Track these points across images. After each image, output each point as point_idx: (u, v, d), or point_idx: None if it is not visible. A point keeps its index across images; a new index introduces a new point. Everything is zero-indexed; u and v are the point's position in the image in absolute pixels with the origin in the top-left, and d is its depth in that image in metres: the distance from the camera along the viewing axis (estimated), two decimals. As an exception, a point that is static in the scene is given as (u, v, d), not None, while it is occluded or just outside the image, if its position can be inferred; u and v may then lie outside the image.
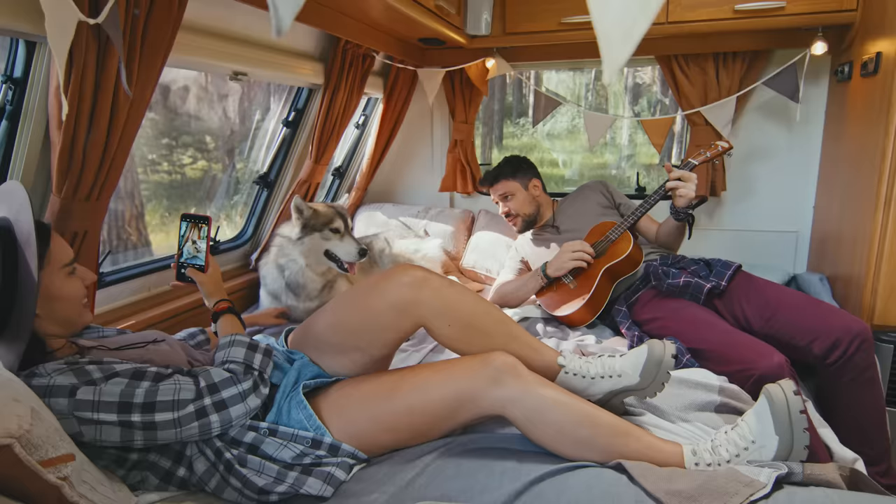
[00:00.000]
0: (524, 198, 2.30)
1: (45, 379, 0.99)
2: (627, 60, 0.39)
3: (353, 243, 2.03)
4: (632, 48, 0.38)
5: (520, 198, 2.30)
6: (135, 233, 3.00)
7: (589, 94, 7.12)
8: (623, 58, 0.39)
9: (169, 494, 1.12)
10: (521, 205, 2.30)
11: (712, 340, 1.63)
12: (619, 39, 0.38)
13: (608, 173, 7.02)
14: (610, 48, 0.39)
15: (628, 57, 0.38)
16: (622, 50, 0.38)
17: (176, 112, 2.33)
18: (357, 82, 2.35)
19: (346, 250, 2.02)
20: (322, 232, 2.01)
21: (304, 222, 2.01)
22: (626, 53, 0.39)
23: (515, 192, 2.29)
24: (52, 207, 1.31)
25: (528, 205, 2.31)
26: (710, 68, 2.37)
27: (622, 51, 0.38)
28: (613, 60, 0.39)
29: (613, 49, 0.39)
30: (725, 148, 2.01)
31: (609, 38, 0.38)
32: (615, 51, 0.39)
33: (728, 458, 1.10)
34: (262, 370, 1.21)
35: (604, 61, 0.39)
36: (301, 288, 2.08)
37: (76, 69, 1.14)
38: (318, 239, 2.01)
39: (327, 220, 2.02)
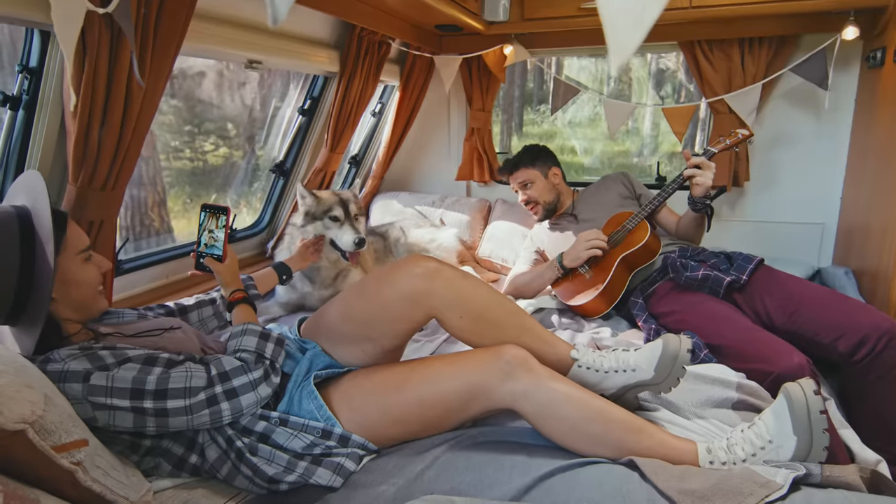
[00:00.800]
0: (544, 185, 2.28)
1: (60, 364, 1.01)
2: (636, 49, 0.37)
3: (352, 232, 1.95)
4: (641, 36, 0.36)
5: (539, 185, 2.28)
6: (157, 219, 3.04)
7: (611, 81, 6.98)
8: (632, 46, 0.36)
9: (181, 481, 1.14)
10: (542, 192, 2.28)
11: (731, 337, 1.60)
12: (627, 26, 0.36)
13: (629, 161, 6.89)
14: (617, 35, 0.36)
15: (637, 45, 0.36)
16: (631, 38, 0.36)
17: (198, 99, 2.34)
18: (373, 70, 2.33)
19: (344, 239, 1.96)
20: (322, 220, 1.98)
21: (307, 210, 1.99)
22: (635, 41, 0.36)
23: (535, 180, 2.28)
24: (69, 196, 1.32)
25: (549, 192, 2.29)
26: (734, 54, 2.30)
27: (631, 39, 0.36)
28: (621, 49, 0.37)
29: (621, 36, 0.36)
30: (746, 136, 1.95)
31: (615, 25, 0.36)
32: (623, 38, 0.36)
33: (744, 457, 1.08)
34: (273, 359, 1.21)
35: (610, 50, 0.37)
36: (316, 274, 2.09)
37: (89, 59, 1.14)
38: (319, 227, 1.98)
39: (327, 207, 1.97)
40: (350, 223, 1.98)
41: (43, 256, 1.00)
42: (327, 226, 1.98)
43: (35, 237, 1.02)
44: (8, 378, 0.81)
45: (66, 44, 0.74)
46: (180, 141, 2.50)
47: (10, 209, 1.04)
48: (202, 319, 1.57)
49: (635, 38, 0.36)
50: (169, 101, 2.42)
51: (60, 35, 0.72)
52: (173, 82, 2.28)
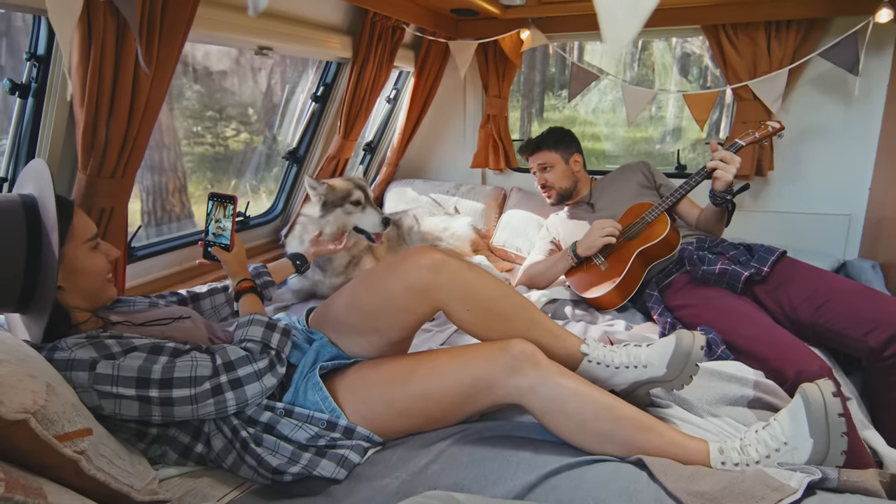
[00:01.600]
0: (563, 171, 2.24)
1: (66, 353, 1.01)
2: (633, 38, 0.33)
3: (376, 213, 2.00)
4: (639, 24, 0.33)
5: (558, 170, 2.24)
6: (178, 204, 3.07)
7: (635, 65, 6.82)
8: (628, 35, 0.33)
9: (187, 469, 1.14)
10: (559, 177, 2.24)
11: (749, 336, 1.55)
12: (623, 14, 0.33)
13: (652, 148, 6.75)
14: (612, 24, 0.33)
15: (634, 34, 0.33)
16: (627, 26, 0.33)
17: (220, 84, 2.34)
18: (386, 56, 2.30)
19: (370, 222, 2.00)
20: (343, 206, 1.99)
21: (324, 199, 1.99)
22: (631, 30, 0.33)
23: (555, 164, 2.23)
24: (79, 185, 1.33)
25: (566, 179, 2.24)
26: (760, 38, 2.21)
27: (627, 27, 0.33)
28: (617, 38, 0.33)
29: (617, 25, 0.33)
30: (776, 129, 1.88)
31: (611, 13, 0.33)
32: (619, 27, 0.33)
33: (757, 458, 1.04)
34: (279, 349, 1.21)
35: (605, 39, 0.33)
36: (327, 262, 2.09)
37: (95, 47, 1.14)
38: (341, 214, 1.99)
39: (346, 193, 1.99)
40: (371, 205, 2.02)
41: (48, 245, 1.01)
42: (349, 211, 1.99)
43: (41, 226, 1.02)
44: (10, 367, 0.81)
45: (62, 32, 0.72)
46: (202, 126, 2.51)
47: (17, 198, 1.04)
48: (215, 307, 1.57)
49: (632, 26, 0.33)
50: (192, 86, 2.42)
51: (56, 23, 0.71)
52: (196, 67, 2.28)
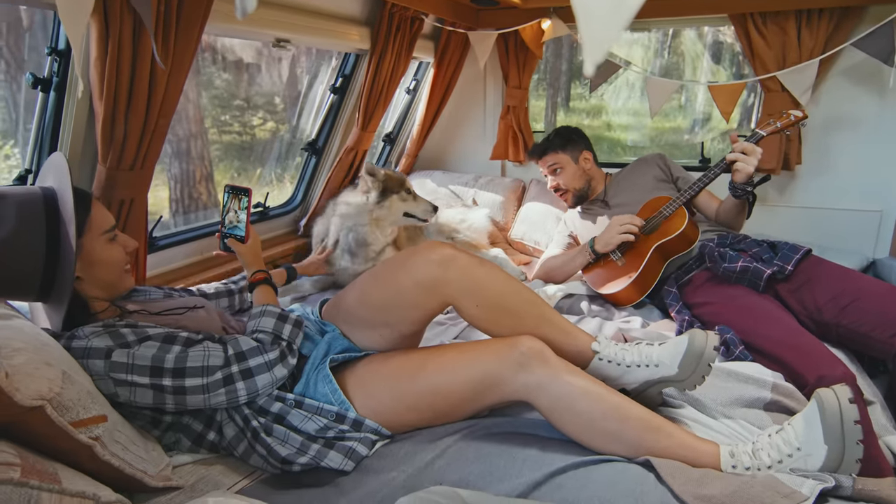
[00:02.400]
0: (574, 171, 2.20)
1: (83, 341, 1.04)
2: (614, 44, 0.32)
3: (427, 202, 2.17)
4: (620, 28, 0.31)
5: (570, 171, 2.20)
6: (204, 192, 3.12)
7: (665, 52, 6.64)
8: (609, 40, 0.32)
9: (200, 456, 1.17)
10: (572, 179, 2.20)
11: (770, 336, 1.51)
12: (604, 17, 0.32)
13: (679, 139, 6.59)
14: (592, 28, 0.32)
15: (615, 39, 0.32)
16: (608, 30, 0.32)
17: (248, 73, 2.37)
18: (405, 47, 2.29)
19: (422, 208, 2.15)
20: (399, 193, 2.09)
21: (384, 186, 2.07)
22: (612, 34, 0.32)
23: (565, 166, 2.20)
24: (99, 177, 1.36)
25: (579, 179, 2.21)
26: (790, 28, 2.13)
27: (608, 31, 0.32)
28: (597, 43, 0.32)
29: (597, 29, 0.32)
30: (799, 117, 1.82)
31: (591, 15, 0.32)
32: (599, 31, 0.32)
33: (769, 463, 1.02)
34: (290, 341, 1.22)
35: (584, 45, 0.32)
36: (361, 248, 2.11)
37: (112, 42, 1.16)
38: (397, 200, 2.09)
39: (401, 181, 2.11)
40: (419, 196, 2.19)
41: (66, 237, 1.03)
42: (404, 198, 2.12)
43: (60, 218, 1.05)
44: (27, 356, 0.84)
45: (72, 31, 0.74)
46: (230, 115, 2.54)
47: (38, 191, 1.07)
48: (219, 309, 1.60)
49: (613, 30, 0.32)
50: (221, 74, 2.45)
51: (66, 21, 0.72)
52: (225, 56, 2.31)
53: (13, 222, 1.02)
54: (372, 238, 2.10)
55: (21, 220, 1.02)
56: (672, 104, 6.66)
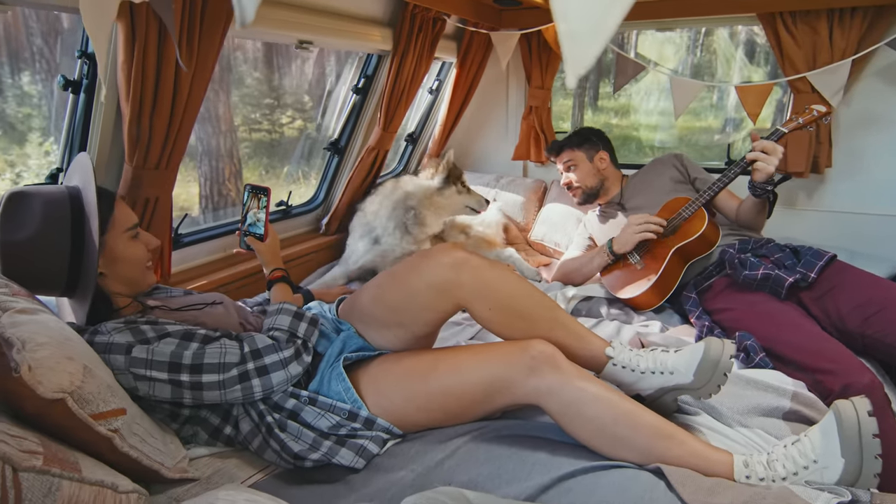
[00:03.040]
0: (588, 170, 2.21)
1: (106, 336, 1.08)
2: (595, 59, 0.33)
3: (480, 196, 2.33)
4: (602, 44, 0.32)
5: (583, 169, 2.21)
6: (234, 189, 3.19)
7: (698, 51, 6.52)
8: (591, 56, 0.32)
9: (217, 450, 1.20)
10: (584, 176, 2.20)
11: (792, 343, 1.48)
12: (586, 33, 0.32)
13: (710, 139, 6.45)
14: (574, 44, 0.33)
15: (597, 55, 0.32)
16: (590, 46, 0.32)
17: (279, 72, 2.42)
18: (427, 47, 2.30)
19: (477, 200, 2.32)
20: (456, 185, 2.24)
21: (448, 173, 2.23)
22: (594, 50, 0.32)
23: (579, 163, 2.20)
24: (126, 176, 1.40)
25: (591, 177, 2.21)
26: (821, 27, 2.07)
27: (590, 47, 0.32)
28: (578, 60, 0.33)
29: (579, 45, 0.32)
30: (822, 112, 1.76)
31: (573, 32, 0.32)
32: (581, 47, 0.32)
33: (784, 475, 1.00)
34: (306, 339, 1.24)
35: (566, 61, 0.33)
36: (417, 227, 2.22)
37: (138, 45, 1.19)
38: (454, 191, 2.24)
39: (458, 175, 2.27)
40: (472, 190, 2.35)
41: (90, 235, 1.07)
42: (459, 191, 2.27)
43: (85, 217, 1.09)
44: (50, 350, 0.88)
45: (96, 35, 0.76)
46: (260, 113, 2.59)
47: (64, 190, 1.11)
48: None
49: (595, 46, 0.32)
50: (252, 73, 2.50)
51: (89, 27, 0.75)
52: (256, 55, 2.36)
53: (40, 221, 1.06)
54: (429, 221, 2.22)
55: (47, 219, 1.06)
56: (703, 103, 6.52)
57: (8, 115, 2.18)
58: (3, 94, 2.25)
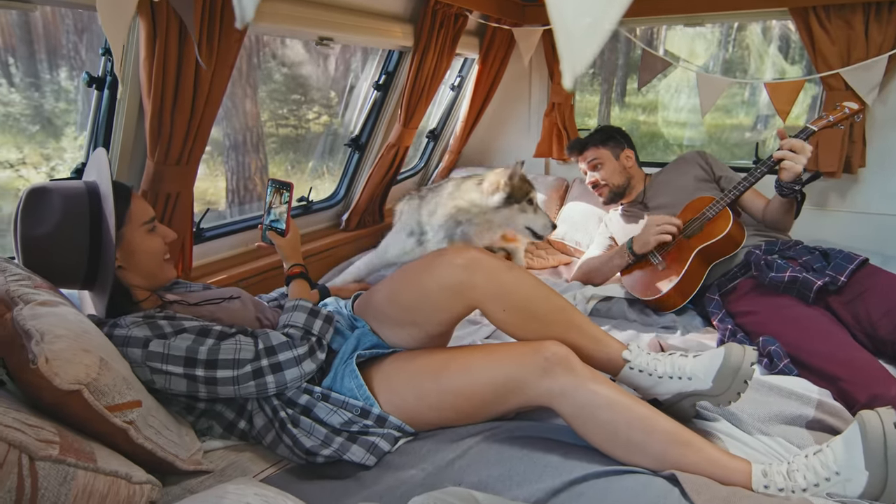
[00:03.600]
0: (615, 167, 2.16)
1: (124, 330, 1.10)
2: (593, 59, 0.32)
3: (546, 216, 1.96)
4: (598, 44, 0.30)
5: (610, 167, 2.16)
6: (259, 184, 3.23)
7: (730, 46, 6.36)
8: (587, 57, 0.31)
9: (231, 443, 1.22)
10: (611, 174, 2.16)
11: (819, 350, 1.43)
12: (582, 34, 0.31)
13: (741, 137, 6.30)
14: (570, 46, 0.31)
15: (593, 56, 0.31)
16: (587, 47, 0.31)
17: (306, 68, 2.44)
18: (448, 44, 2.28)
19: (541, 223, 1.94)
20: (520, 203, 1.91)
21: (510, 193, 1.88)
22: (590, 51, 0.31)
23: (605, 161, 2.16)
24: (148, 171, 1.43)
25: (619, 175, 2.16)
26: (857, 22, 1.99)
27: (587, 48, 0.31)
28: (575, 61, 0.32)
29: (575, 46, 0.31)
30: (854, 110, 1.70)
31: (569, 33, 0.31)
32: (577, 49, 0.31)
33: (804, 486, 0.97)
34: (320, 336, 1.25)
35: (563, 63, 0.32)
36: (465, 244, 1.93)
37: (159, 42, 1.21)
38: (515, 210, 1.90)
39: (527, 192, 1.92)
40: (540, 208, 1.98)
41: (108, 228, 1.09)
42: (524, 209, 1.92)
43: (102, 211, 1.11)
44: (67, 342, 0.90)
45: (113, 34, 0.78)
46: (287, 109, 2.61)
47: (82, 185, 1.13)
48: None
49: (592, 46, 0.31)
50: (280, 69, 2.53)
51: (106, 26, 0.76)
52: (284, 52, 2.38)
53: (59, 216, 1.08)
54: (478, 239, 1.97)
55: (66, 214, 1.09)
56: (734, 100, 6.36)
57: (45, 110, 2.25)
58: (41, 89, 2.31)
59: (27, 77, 2.30)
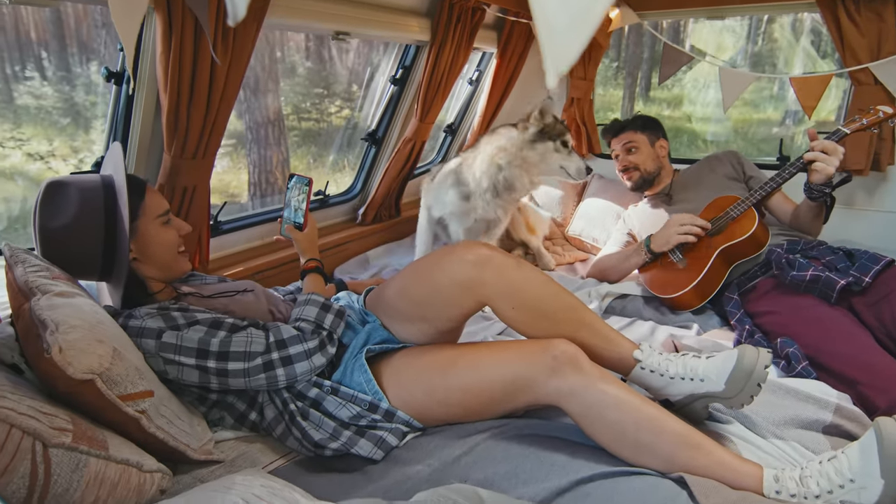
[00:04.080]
0: (649, 153, 2.17)
1: (139, 321, 1.12)
2: (578, 57, 0.31)
3: (581, 160, 1.97)
4: (584, 40, 0.30)
5: (645, 152, 2.17)
6: (280, 177, 3.26)
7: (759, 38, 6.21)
8: (572, 53, 0.30)
9: (242, 434, 1.24)
10: (645, 159, 2.16)
11: (839, 353, 1.39)
12: (566, 29, 0.30)
13: (768, 133, 6.15)
14: (554, 41, 0.31)
15: (579, 52, 0.30)
16: (571, 43, 0.30)
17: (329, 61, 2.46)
18: (465, 38, 2.27)
19: (576, 166, 1.96)
20: (555, 142, 1.93)
21: (543, 127, 1.92)
22: (575, 47, 0.31)
23: (641, 146, 2.16)
24: (165, 165, 1.45)
25: (652, 161, 2.16)
26: (888, 13, 1.92)
27: (571, 44, 0.30)
28: (559, 57, 0.31)
29: (559, 42, 0.31)
30: (889, 114, 1.64)
31: (553, 28, 0.30)
32: (561, 44, 0.31)
33: (818, 492, 0.95)
34: (331, 330, 1.26)
35: (546, 61, 0.31)
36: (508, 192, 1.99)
37: (175, 38, 1.22)
38: (550, 148, 1.92)
39: (561, 131, 1.94)
40: (574, 152, 1.99)
41: (122, 221, 1.11)
42: (557, 149, 1.94)
43: (117, 203, 1.13)
44: (81, 333, 0.92)
45: (124, 33, 0.79)
46: (309, 102, 2.63)
47: (98, 179, 1.16)
48: None
49: (576, 43, 0.30)
50: (304, 63, 2.55)
51: (118, 23, 0.77)
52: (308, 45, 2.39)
53: (75, 208, 1.11)
54: (519, 183, 1.96)
55: (82, 206, 1.11)
56: (762, 94, 6.20)
57: (76, 104, 2.30)
58: (72, 82, 2.37)
59: (59, 71, 2.36)
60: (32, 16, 2.20)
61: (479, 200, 1.99)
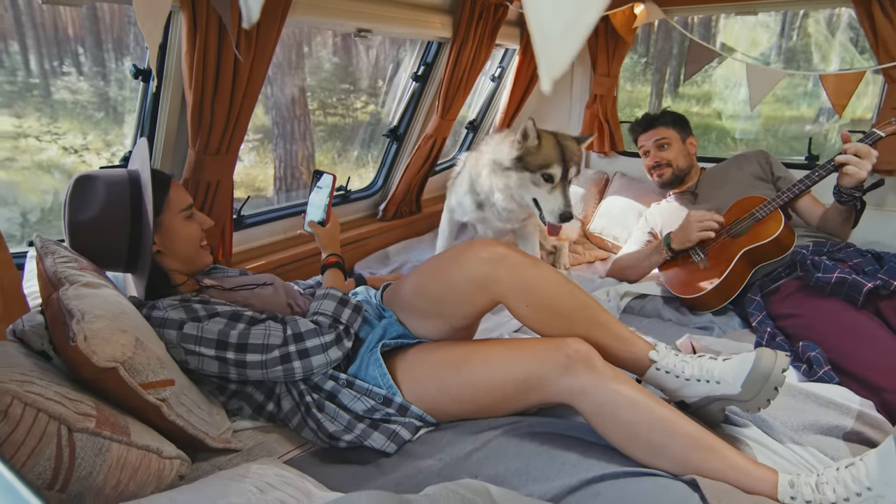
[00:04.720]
0: (680, 149, 2.14)
1: (162, 312, 1.16)
2: (571, 61, 0.31)
3: (561, 200, 1.60)
4: (577, 45, 0.30)
5: (676, 148, 2.14)
6: (306, 172, 3.30)
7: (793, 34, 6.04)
8: (566, 57, 0.31)
9: (260, 424, 1.27)
10: (677, 155, 2.13)
11: (863, 358, 1.36)
12: (560, 34, 0.31)
13: (801, 130, 5.99)
14: (548, 45, 0.31)
15: (572, 57, 0.31)
16: (565, 47, 0.31)
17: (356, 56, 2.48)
18: (487, 35, 2.27)
19: (549, 206, 1.62)
20: (534, 174, 1.61)
21: (522, 154, 1.62)
22: (569, 51, 0.31)
23: (672, 142, 2.13)
24: (189, 160, 1.48)
25: (683, 158, 2.14)
26: (925, 9, 1.86)
27: (565, 48, 0.31)
28: (553, 62, 0.31)
29: (553, 46, 0.31)
30: None
31: (546, 32, 0.31)
32: (555, 50, 0.31)
33: (833, 499, 0.93)
34: (348, 325, 1.28)
35: (540, 66, 0.31)
36: (507, 212, 1.80)
37: (199, 36, 1.25)
38: (526, 179, 1.63)
39: (545, 162, 1.60)
40: (563, 189, 1.62)
41: (146, 214, 1.15)
42: (536, 181, 1.62)
43: (142, 198, 1.17)
44: (105, 322, 0.95)
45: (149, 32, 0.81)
46: (336, 98, 2.66)
47: (125, 174, 1.19)
48: None
49: (570, 47, 0.31)
50: (331, 58, 2.58)
51: (141, 22, 0.80)
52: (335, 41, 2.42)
53: (102, 202, 1.15)
54: (509, 206, 1.74)
55: (109, 200, 1.15)
56: (796, 91, 6.03)
57: (110, 98, 2.37)
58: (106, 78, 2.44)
59: (95, 66, 2.43)
60: (70, 13, 2.28)
61: (489, 211, 1.84)
